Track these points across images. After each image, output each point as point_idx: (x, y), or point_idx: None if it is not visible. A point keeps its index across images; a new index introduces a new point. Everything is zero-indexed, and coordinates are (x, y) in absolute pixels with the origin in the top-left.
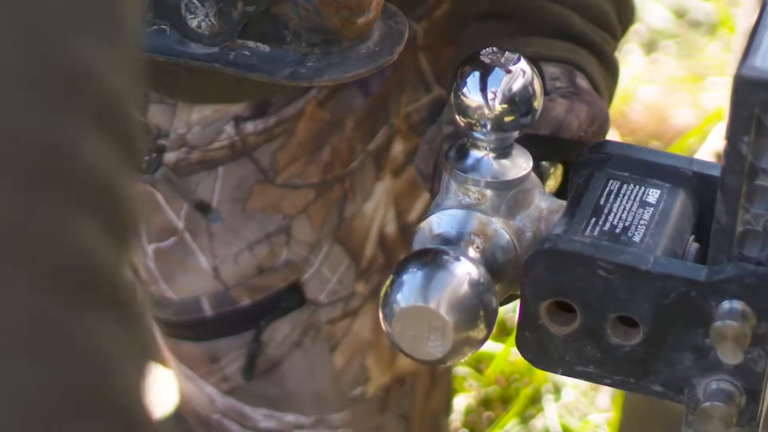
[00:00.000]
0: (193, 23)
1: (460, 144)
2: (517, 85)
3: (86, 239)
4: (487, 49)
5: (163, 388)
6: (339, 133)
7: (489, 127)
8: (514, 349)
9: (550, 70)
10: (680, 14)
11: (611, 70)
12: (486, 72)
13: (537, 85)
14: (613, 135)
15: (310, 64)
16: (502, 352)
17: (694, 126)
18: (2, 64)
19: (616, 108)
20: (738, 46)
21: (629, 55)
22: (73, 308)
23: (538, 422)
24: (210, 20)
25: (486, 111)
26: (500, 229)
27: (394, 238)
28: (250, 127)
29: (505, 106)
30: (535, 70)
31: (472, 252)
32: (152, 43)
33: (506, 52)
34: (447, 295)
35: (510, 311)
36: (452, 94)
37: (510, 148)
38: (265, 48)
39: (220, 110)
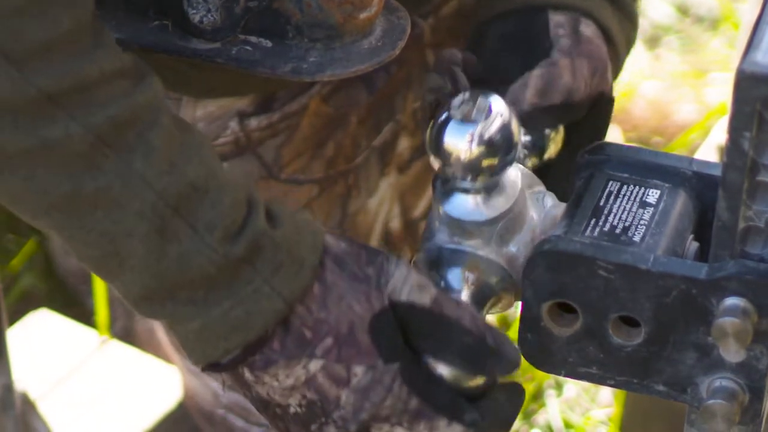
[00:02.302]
0: (195, 19)
1: (448, 187)
2: (494, 129)
3: None
4: (457, 98)
5: (167, 384)
6: (343, 129)
7: (473, 175)
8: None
9: (555, 18)
10: (683, 10)
11: (628, 15)
12: (461, 127)
13: (514, 123)
14: (615, 131)
15: (312, 59)
16: None
17: (696, 121)
18: None
19: (618, 104)
20: (742, 41)
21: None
22: None
23: (540, 418)
24: (212, 16)
25: (468, 161)
26: (492, 260)
27: (399, 233)
28: (254, 122)
29: (485, 152)
30: (510, 109)
31: (465, 288)
32: (154, 38)
33: (479, 99)
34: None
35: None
36: (429, 144)
37: (497, 184)
38: (268, 43)
39: (225, 106)
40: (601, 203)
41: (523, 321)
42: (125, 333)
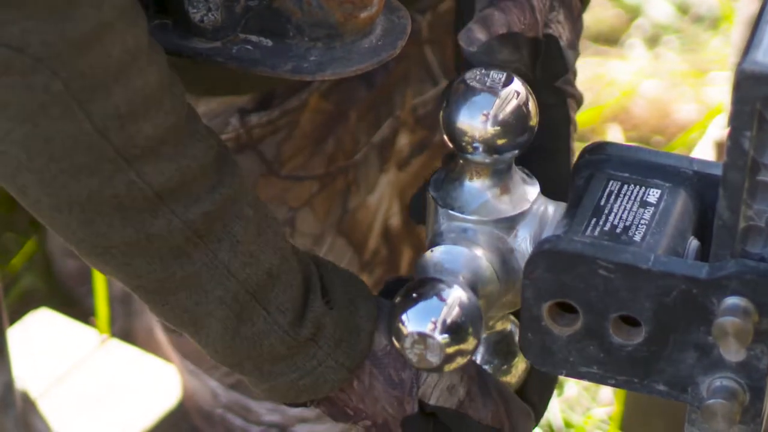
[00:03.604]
0: (196, 18)
1: (455, 177)
2: (509, 104)
3: None
4: (473, 71)
5: (166, 383)
6: (343, 125)
7: (482, 149)
8: None
9: None
10: (683, 9)
11: None
12: (476, 97)
13: (532, 104)
14: (616, 130)
15: (312, 58)
16: None
17: (696, 121)
18: None
19: (618, 103)
20: (737, 37)
21: (632, 50)
22: None
23: None
24: (213, 15)
25: (478, 135)
26: (494, 261)
27: (399, 230)
28: (254, 119)
29: (498, 129)
30: (528, 88)
31: (464, 282)
32: (155, 37)
33: (492, 72)
34: (440, 318)
35: None
36: (442, 120)
37: (509, 179)
38: (268, 42)
39: (226, 103)
40: (602, 203)
41: (524, 321)
42: (125, 333)
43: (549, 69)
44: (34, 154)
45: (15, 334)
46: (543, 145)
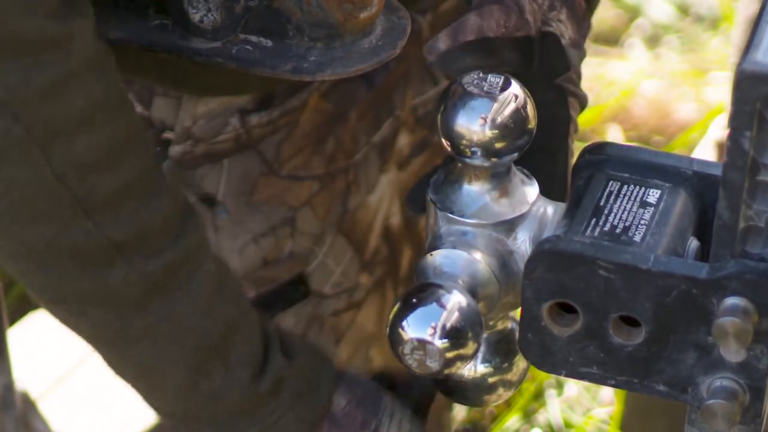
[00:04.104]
0: (196, 18)
1: (454, 180)
2: (507, 106)
3: None
4: (470, 75)
5: None
6: (342, 125)
7: (481, 153)
8: None
9: None
10: (683, 9)
11: None
12: (473, 101)
13: (530, 107)
14: (616, 130)
15: (312, 58)
16: None
17: (696, 120)
18: None
19: (619, 103)
20: (736, 36)
21: (632, 50)
22: None
23: (540, 417)
24: (212, 15)
25: (477, 139)
26: (494, 263)
27: (399, 230)
28: (254, 119)
29: (497, 132)
30: (526, 91)
31: (463, 286)
32: (155, 37)
33: (489, 76)
34: (440, 324)
35: None
36: (440, 124)
37: (508, 181)
38: (268, 42)
39: (226, 103)
40: (602, 203)
41: (523, 321)
42: None
43: (548, 66)
44: None
45: (15, 334)
46: (542, 143)
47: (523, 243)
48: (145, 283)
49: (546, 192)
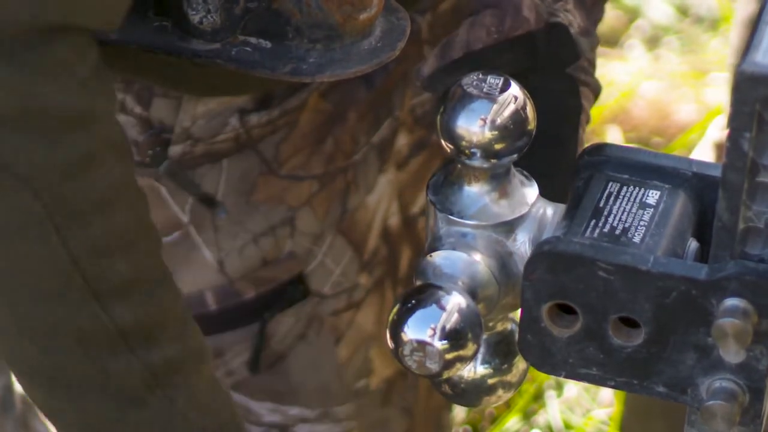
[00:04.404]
0: (195, 19)
1: (454, 181)
2: (506, 107)
3: None
4: (470, 76)
5: None
6: (342, 125)
7: (480, 155)
8: None
9: None
10: (683, 10)
11: None
12: (473, 103)
13: (530, 108)
14: (615, 131)
15: (312, 59)
16: None
17: (696, 122)
18: None
19: (618, 104)
20: (734, 37)
21: (631, 51)
22: None
23: (540, 418)
24: (212, 17)
25: (476, 140)
26: (493, 264)
27: (398, 230)
28: (254, 119)
29: (496, 134)
30: (526, 92)
31: (462, 287)
32: (154, 39)
33: (489, 77)
34: (439, 325)
35: None
36: (439, 125)
37: (507, 182)
38: (267, 44)
39: (225, 103)
40: (601, 204)
41: (523, 323)
42: None
43: (558, 56)
44: (5, 275)
45: None
46: (551, 132)
47: (522, 244)
48: (146, 375)
49: (553, 184)
